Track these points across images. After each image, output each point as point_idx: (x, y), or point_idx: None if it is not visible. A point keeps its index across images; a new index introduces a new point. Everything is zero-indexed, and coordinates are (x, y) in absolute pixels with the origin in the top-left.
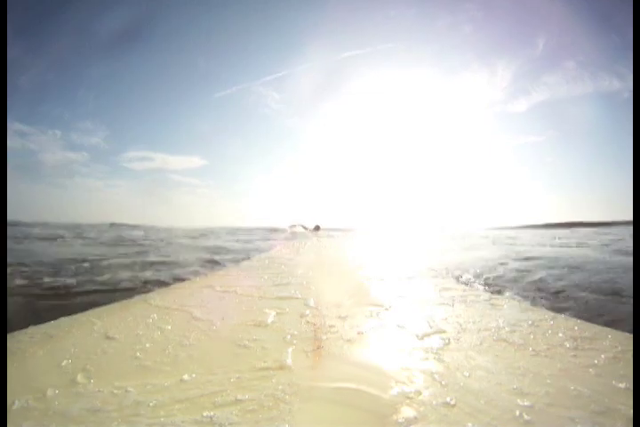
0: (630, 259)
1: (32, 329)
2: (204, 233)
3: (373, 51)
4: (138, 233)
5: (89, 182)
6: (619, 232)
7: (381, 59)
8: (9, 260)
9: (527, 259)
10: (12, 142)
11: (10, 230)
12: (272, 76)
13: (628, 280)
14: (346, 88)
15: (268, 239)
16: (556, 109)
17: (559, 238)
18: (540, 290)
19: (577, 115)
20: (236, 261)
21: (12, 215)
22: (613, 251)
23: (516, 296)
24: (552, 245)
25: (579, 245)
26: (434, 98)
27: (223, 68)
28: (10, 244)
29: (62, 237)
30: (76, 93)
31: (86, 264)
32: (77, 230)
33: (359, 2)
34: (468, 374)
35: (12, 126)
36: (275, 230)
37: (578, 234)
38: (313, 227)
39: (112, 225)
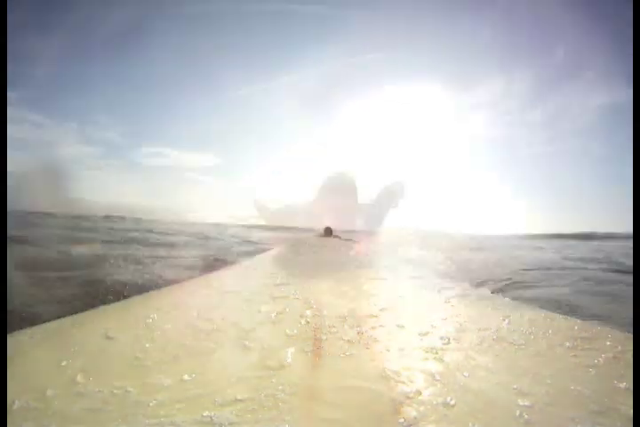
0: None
1: (32, 329)
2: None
3: (391, 55)
4: None
5: (102, 176)
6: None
7: (399, 63)
8: None
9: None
10: (27, 133)
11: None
12: (287, 77)
13: None
14: (362, 91)
15: None
16: (572, 119)
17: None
18: None
19: (593, 125)
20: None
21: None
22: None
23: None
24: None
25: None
26: (449, 104)
27: (239, 67)
28: None
29: None
30: (94, 86)
31: None
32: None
33: (377, 3)
34: (467, 374)
35: (29, 117)
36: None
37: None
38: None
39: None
